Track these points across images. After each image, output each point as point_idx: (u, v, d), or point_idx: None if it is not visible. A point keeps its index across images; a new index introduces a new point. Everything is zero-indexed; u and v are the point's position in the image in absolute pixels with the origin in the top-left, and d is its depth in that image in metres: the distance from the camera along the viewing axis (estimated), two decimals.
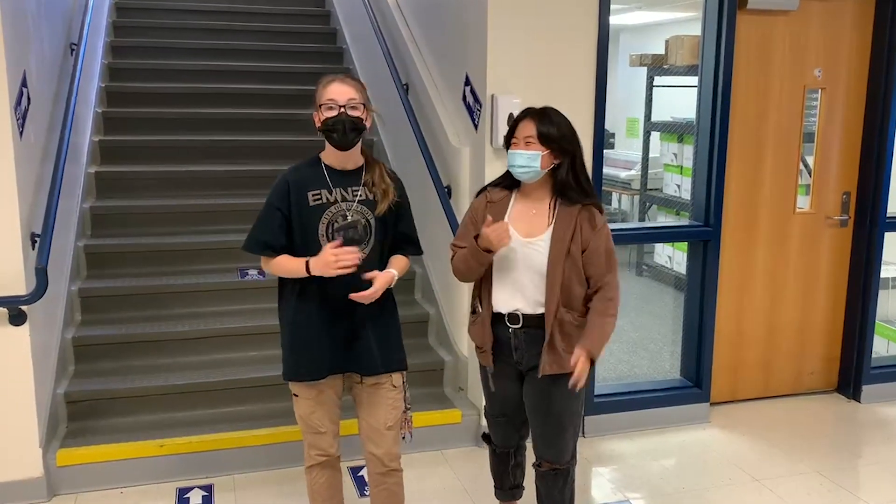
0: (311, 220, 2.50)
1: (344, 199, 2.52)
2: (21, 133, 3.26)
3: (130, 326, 4.03)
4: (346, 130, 2.48)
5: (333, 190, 2.52)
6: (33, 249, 3.29)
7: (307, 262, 2.45)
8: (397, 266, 2.61)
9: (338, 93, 2.49)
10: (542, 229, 2.55)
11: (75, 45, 4.58)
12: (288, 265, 2.52)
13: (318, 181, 2.53)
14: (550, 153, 2.52)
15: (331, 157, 2.57)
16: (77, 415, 3.64)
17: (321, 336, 2.54)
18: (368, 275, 2.48)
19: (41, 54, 3.86)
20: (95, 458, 3.39)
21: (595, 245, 2.53)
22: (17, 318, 3.16)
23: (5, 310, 3.14)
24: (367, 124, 2.55)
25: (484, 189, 2.74)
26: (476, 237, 2.52)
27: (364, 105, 2.52)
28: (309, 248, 2.49)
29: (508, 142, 2.61)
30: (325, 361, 2.56)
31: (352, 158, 2.57)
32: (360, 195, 2.54)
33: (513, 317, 2.59)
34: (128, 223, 4.64)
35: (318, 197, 2.51)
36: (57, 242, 3.45)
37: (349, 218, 2.51)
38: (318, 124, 2.52)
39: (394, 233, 2.63)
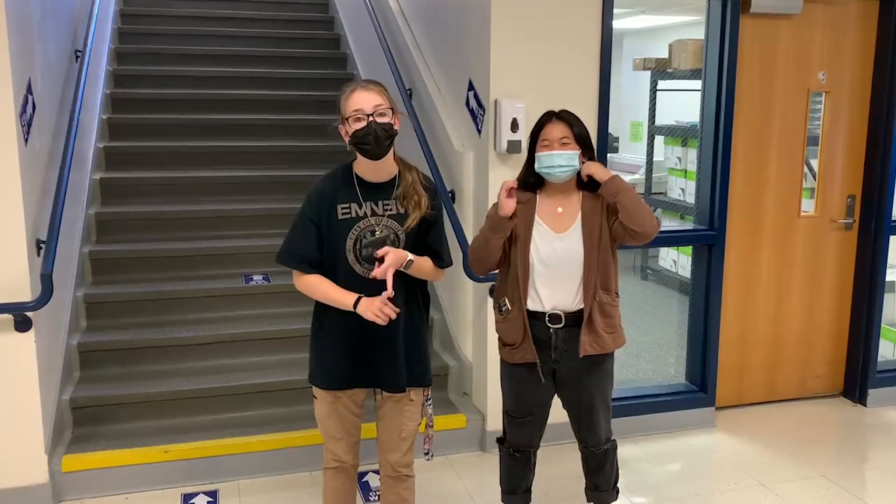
0: (340, 235, 2.43)
1: (374, 214, 2.45)
2: (26, 140, 3.27)
3: (135, 332, 4.03)
4: (378, 140, 2.36)
5: (363, 204, 2.44)
6: (38, 256, 3.29)
7: (356, 301, 2.38)
8: (421, 260, 2.49)
9: (363, 101, 2.36)
10: (571, 222, 2.63)
11: (80, 51, 4.60)
12: (333, 295, 2.43)
13: (349, 194, 2.45)
14: (582, 152, 2.62)
15: (363, 168, 2.48)
16: (82, 420, 3.64)
17: (345, 348, 2.51)
18: (380, 252, 2.38)
19: (46, 61, 3.88)
20: (100, 464, 3.40)
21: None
22: (23, 325, 3.17)
23: (11, 316, 3.15)
24: (398, 128, 2.45)
25: None
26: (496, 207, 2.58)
27: (392, 109, 2.41)
28: (338, 262, 2.45)
29: (533, 146, 2.64)
30: (345, 374, 2.53)
31: (385, 168, 2.47)
32: (391, 209, 2.46)
33: (554, 316, 2.63)
34: (132, 229, 4.65)
35: (348, 211, 2.44)
36: (62, 249, 3.46)
37: (377, 234, 2.44)
38: (346, 138, 2.40)
39: (422, 245, 2.53)
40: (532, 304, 2.64)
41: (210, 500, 3.39)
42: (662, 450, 3.94)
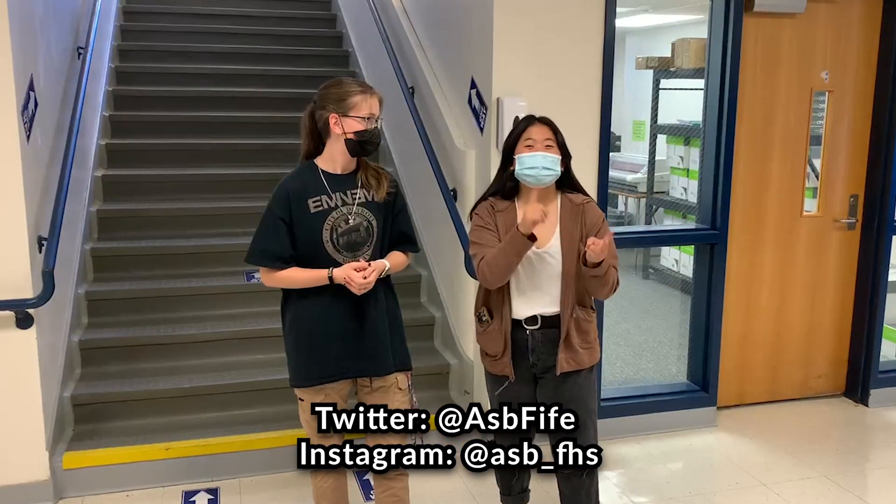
0: (315, 228, 2.49)
1: (344, 203, 2.52)
2: (28, 136, 3.27)
3: (137, 329, 4.04)
4: (378, 143, 2.54)
5: (333, 195, 2.52)
6: (40, 253, 3.30)
7: (330, 273, 2.45)
8: (392, 259, 2.59)
9: (375, 107, 2.50)
10: (549, 236, 2.58)
11: (82, 48, 4.60)
12: (305, 276, 2.50)
13: (317, 188, 2.52)
14: (562, 159, 2.58)
15: (329, 162, 2.56)
16: (83, 418, 3.65)
17: (326, 339, 2.53)
18: (360, 264, 2.47)
19: (48, 58, 3.88)
20: (102, 461, 3.40)
21: (604, 236, 2.56)
22: (25, 322, 3.17)
23: (12, 313, 3.15)
24: None
25: (483, 199, 2.71)
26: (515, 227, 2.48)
27: None
28: (317, 255, 2.49)
29: (513, 147, 2.59)
30: (331, 365, 2.55)
31: (353, 162, 2.58)
32: (360, 197, 2.54)
33: (530, 318, 2.61)
34: (134, 226, 4.66)
35: (319, 203, 2.50)
36: (64, 246, 3.47)
37: (351, 222, 2.52)
38: (344, 131, 2.47)
39: (391, 232, 2.62)
40: (514, 313, 2.62)
41: (211, 497, 3.39)
42: (663, 449, 3.94)
